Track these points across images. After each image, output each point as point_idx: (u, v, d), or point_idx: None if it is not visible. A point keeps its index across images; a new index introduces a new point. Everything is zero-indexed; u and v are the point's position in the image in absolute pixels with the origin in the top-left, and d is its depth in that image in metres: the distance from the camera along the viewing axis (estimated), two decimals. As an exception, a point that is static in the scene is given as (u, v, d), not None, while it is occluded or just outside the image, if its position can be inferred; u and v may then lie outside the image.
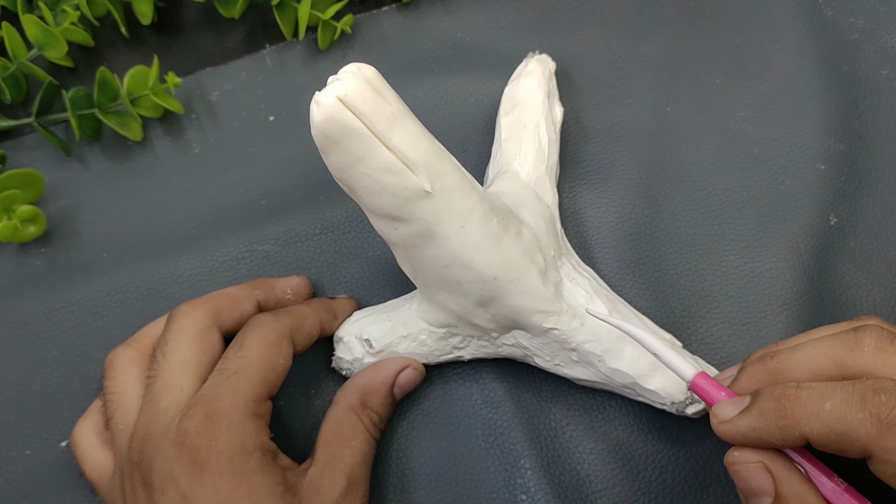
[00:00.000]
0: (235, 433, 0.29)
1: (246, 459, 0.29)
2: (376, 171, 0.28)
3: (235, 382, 0.30)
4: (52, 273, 0.39)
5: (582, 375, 0.34)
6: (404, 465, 0.35)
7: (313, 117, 0.27)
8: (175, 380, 0.31)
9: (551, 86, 0.39)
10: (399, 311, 0.35)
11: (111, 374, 0.33)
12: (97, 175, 0.40)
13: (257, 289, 0.35)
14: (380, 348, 0.35)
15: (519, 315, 0.32)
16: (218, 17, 0.43)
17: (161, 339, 0.32)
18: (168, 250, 0.39)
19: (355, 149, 0.27)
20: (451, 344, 0.34)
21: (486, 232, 0.30)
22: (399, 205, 0.29)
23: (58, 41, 0.39)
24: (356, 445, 0.32)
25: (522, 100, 0.38)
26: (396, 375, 0.34)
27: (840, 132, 0.39)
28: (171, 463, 0.29)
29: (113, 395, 0.33)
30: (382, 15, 0.43)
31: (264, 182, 0.40)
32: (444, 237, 0.29)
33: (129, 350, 0.34)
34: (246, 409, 0.30)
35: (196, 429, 0.29)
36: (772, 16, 0.42)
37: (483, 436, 0.35)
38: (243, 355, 0.31)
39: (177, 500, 0.28)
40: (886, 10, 0.42)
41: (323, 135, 0.27)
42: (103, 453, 0.33)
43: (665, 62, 0.41)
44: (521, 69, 0.40)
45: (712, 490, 0.34)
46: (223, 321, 0.33)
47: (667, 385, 0.32)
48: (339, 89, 0.27)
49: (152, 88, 0.39)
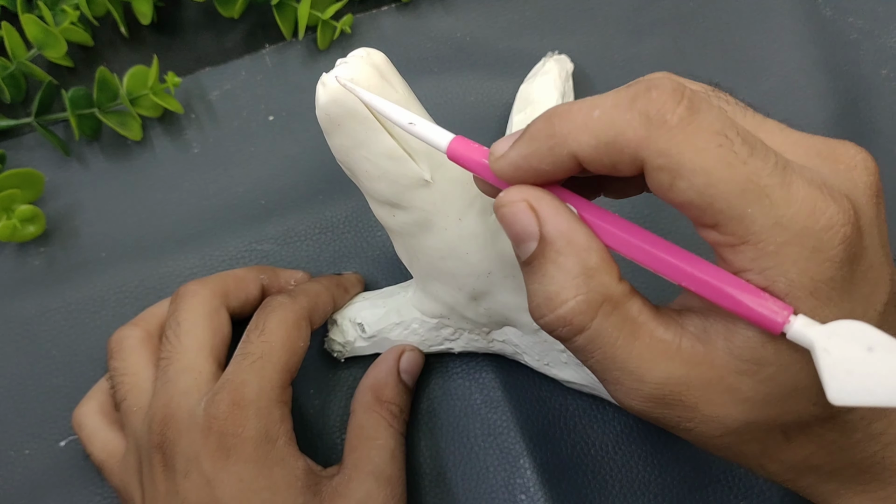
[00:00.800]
0: (262, 420, 0.29)
1: (270, 448, 0.29)
2: (377, 157, 0.28)
3: (261, 368, 0.30)
4: (51, 273, 0.38)
5: (571, 378, 0.34)
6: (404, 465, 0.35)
7: (318, 98, 0.27)
8: (192, 362, 0.31)
9: (567, 87, 0.39)
10: (394, 299, 0.35)
11: (121, 355, 0.33)
12: (97, 175, 0.40)
13: (262, 273, 0.35)
14: (371, 333, 0.35)
15: (511, 312, 0.32)
16: (218, 16, 0.43)
17: (171, 319, 0.32)
18: (167, 250, 0.39)
19: (357, 132, 0.27)
20: (442, 335, 0.34)
21: (484, 226, 0.30)
22: (398, 192, 0.29)
23: (57, 41, 0.39)
24: (382, 444, 0.32)
25: (536, 98, 0.38)
26: (398, 362, 0.34)
27: (840, 132, 0.39)
28: (196, 447, 0.29)
29: (125, 377, 0.32)
30: (382, 15, 0.43)
31: (264, 182, 0.40)
32: (441, 228, 0.29)
33: (136, 331, 0.34)
34: (272, 396, 0.30)
35: (224, 414, 0.29)
36: (772, 16, 0.42)
37: (483, 435, 0.35)
38: (266, 340, 0.31)
39: (200, 485, 0.29)
40: (886, 10, 0.42)
41: (327, 116, 0.27)
42: (111, 433, 0.33)
43: (665, 62, 0.41)
44: (539, 68, 0.39)
45: (712, 490, 0.34)
46: (230, 301, 0.33)
47: None
48: (346, 72, 0.27)
49: (152, 88, 0.39)
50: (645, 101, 0.21)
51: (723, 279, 0.21)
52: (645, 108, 0.21)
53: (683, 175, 0.20)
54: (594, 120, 0.21)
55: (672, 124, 0.20)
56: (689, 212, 0.21)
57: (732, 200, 0.20)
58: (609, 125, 0.21)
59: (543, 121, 0.22)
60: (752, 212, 0.20)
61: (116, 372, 0.33)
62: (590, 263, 0.22)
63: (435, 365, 0.36)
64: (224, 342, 0.32)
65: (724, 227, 0.21)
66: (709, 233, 0.21)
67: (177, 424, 0.29)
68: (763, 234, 0.20)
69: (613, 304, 0.22)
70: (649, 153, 0.21)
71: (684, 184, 0.21)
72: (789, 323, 0.20)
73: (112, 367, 0.33)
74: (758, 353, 0.21)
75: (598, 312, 0.22)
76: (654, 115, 0.21)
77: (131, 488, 0.31)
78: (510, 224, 0.23)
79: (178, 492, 0.29)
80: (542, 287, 0.23)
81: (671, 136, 0.20)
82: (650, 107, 0.21)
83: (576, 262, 0.22)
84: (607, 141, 0.21)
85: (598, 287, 0.22)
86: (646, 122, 0.21)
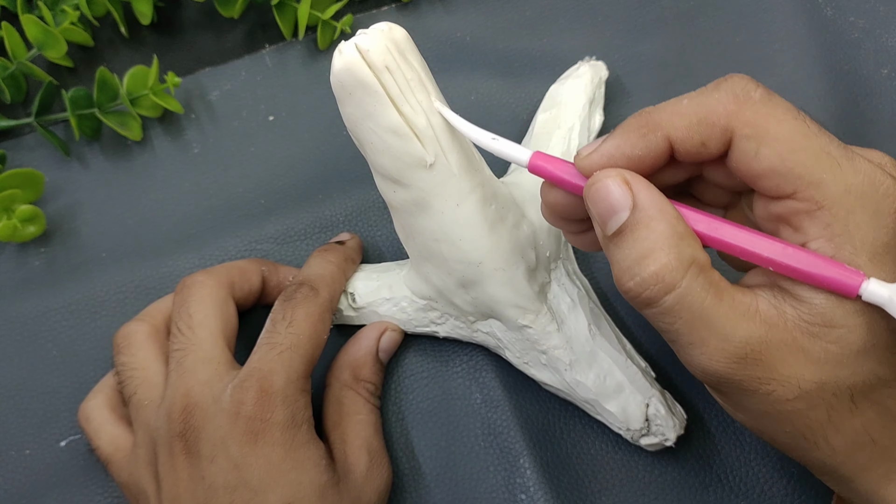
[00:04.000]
0: (289, 408, 0.30)
1: (295, 432, 0.30)
2: (383, 131, 0.28)
3: (289, 359, 0.31)
4: (51, 273, 0.38)
5: (547, 380, 0.34)
6: (404, 465, 0.35)
7: (334, 65, 0.28)
8: (209, 353, 0.31)
9: (598, 93, 0.38)
10: (388, 274, 0.35)
11: (129, 350, 0.33)
12: (97, 175, 0.40)
13: (263, 265, 0.36)
14: (361, 304, 0.35)
15: (497, 305, 0.32)
16: (217, 17, 0.43)
17: (181, 310, 0.33)
18: (167, 250, 0.39)
19: (367, 104, 0.28)
20: (429, 317, 0.35)
21: (481, 215, 0.30)
22: (400, 168, 0.29)
23: (57, 41, 0.39)
24: (364, 419, 0.33)
25: (564, 100, 0.37)
26: (378, 342, 0.35)
27: (841, 132, 0.39)
28: (223, 432, 0.30)
29: (134, 371, 0.33)
30: (382, 15, 0.43)
31: (263, 182, 0.40)
32: (437, 211, 0.30)
33: (143, 326, 0.34)
34: (297, 385, 0.31)
35: (252, 401, 0.30)
36: (772, 16, 0.42)
37: (483, 435, 0.35)
38: (294, 332, 0.31)
39: (227, 468, 0.29)
40: (886, 9, 0.42)
41: (339, 83, 0.28)
42: (119, 428, 0.33)
43: (665, 62, 0.41)
44: (572, 71, 0.39)
45: (712, 490, 0.34)
46: (235, 292, 0.34)
47: (626, 410, 0.32)
48: (363, 43, 0.27)
49: (152, 88, 0.39)
50: (730, 83, 0.24)
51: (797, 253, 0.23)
52: (731, 87, 0.24)
53: (768, 142, 0.24)
54: (684, 106, 0.25)
55: (755, 99, 0.24)
56: (769, 181, 0.24)
57: (810, 166, 0.23)
58: (700, 105, 0.24)
59: (635, 116, 0.25)
60: (827, 178, 0.23)
61: (125, 367, 0.33)
62: (679, 229, 0.24)
63: (435, 365, 0.36)
64: (234, 332, 0.33)
65: (802, 193, 0.24)
66: (784, 204, 0.24)
67: (201, 412, 0.30)
68: (836, 199, 0.23)
69: (700, 266, 0.24)
70: (738, 123, 0.24)
71: (769, 150, 0.24)
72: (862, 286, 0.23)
73: (120, 362, 0.33)
74: (828, 316, 0.23)
75: (688, 272, 0.24)
76: (739, 92, 0.24)
77: (143, 482, 0.31)
78: (603, 198, 0.25)
79: (205, 476, 0.29)
80: (634, 249, 0.24)
81: (755, 108, 0.24)
82: (736, 86, 0.24)
83: (668, 226, 0.24)
84: (699, 119, 0.24)
85: (687, 249, 0.24)
86: (733, 98, 0.24)
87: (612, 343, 0.33)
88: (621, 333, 0.35)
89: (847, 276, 0.23)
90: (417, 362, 0.37)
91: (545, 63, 0.41)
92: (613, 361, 0.33)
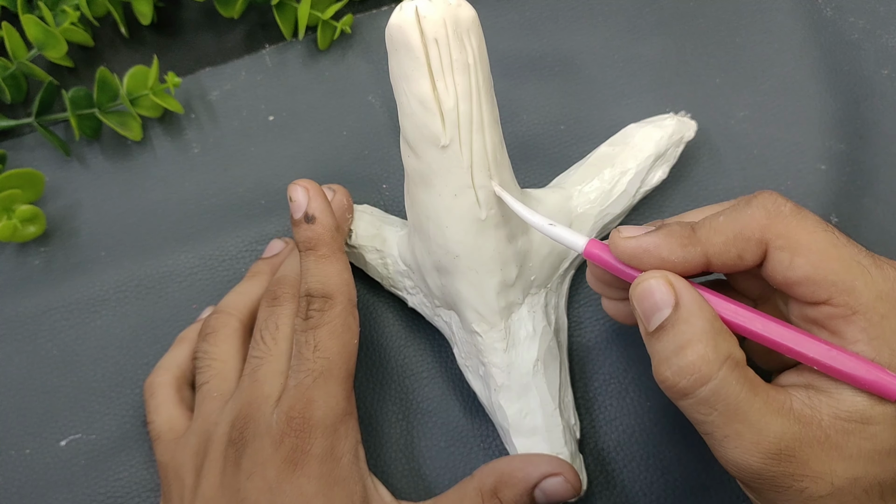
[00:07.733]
0: (328, 440, 0.30)
1: (333, 466, 0.30)
2: (412, 97, 0.29)
3: (324, 384, 0.31)
4: (51, 272, 0.39)
5: (477, 390, 0.34)
6: (403, 465, 0.35)
7: (391, 18, 0.28)
8: (282, 366, 0.32)
9: (672, 151, 0.37)
10: (388, 228, 0.36)
11: (215, 339, 0.34)
12: (97, 175, 0.40)
13: None
14: (354, 244, 0.35)
15: (459, 301, 0.32)
16: (217, 17, 0.43)
17: (270, 321, 0.33)
18: (167, 250, 0.39)
19: (406, 66, 0.28)
20: (404, 283, 0.35)
21: (474, 215, 0.30)
22: (416, 138, 0.29)
23: (58, 41, 0.39)
24: None
25: (633, 142, 0.36)
26: (542, 478, 0.31)
27: (841, 132, 0.39)
28: (266, 454, 0.30)
29: (213, 361, 0.33)
30: (382, 15, 0.43)
31: (264, 182, 0.40)
32: (437, 192, 0.30)
33: (233, 321, 0.34)
34: (337, 412, 0.31)
35: (295, 431, 0.30)
36: (771, 16, 0.42)
37: (483, 435, 0.35)
38: (322, 356, 0.31)
39: (262, 489, 0.29)
40: (886, 9, 0.42)
41: (390, 38, 0.29)
42: (178, 410, 0.34)
43: (665, 62, 0.41)
44: (659, 119, 0.37)
45: (714, 491, 0.34)
46: None
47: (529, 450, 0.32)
48: (424, 9, 0.27)
49: (152, 88, 0.39)
50: (761, 199, 0.26)
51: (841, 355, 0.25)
52: (762, 203, 0.26)
53: (801, 252, 0.25)
54: (721, 223, 0.26)
55: (786, 213, 0.26)
56: (805, 288, 0.25)
57: (843, 274, 0.25)
58: (735, 220, 0.26)
59: (680, 225, 0.27)
60: (859, 285, 0.25)
61: (207, 355, 0.34)
62: (717, 326, 0.25)
63: (436, 366, 0.36)
64: None
65: (837, 300, 0.25)
66: (820, 309, 0.25)
67: (255, 427, 0.30)
68: (870, 305, 0.25)
69: (736, 361, 0.25)
70: (772, 235, 0.26)
71: (802, 260, 0.25)
72: None
73: (203, 349, 0.34)
74: (866, 414, 0.25)
75: (724, 365, 0.25)
76: (771, 207, 0.26)
77: (184, 469, 0.32)
78: (648, 296, 0.26)
79: (239, 490, 0.30)
80: (673, 342, 0.25)
81: (787, 222, 0.26)
82: (766, 202, 0.26)
83: (706, 322, 0.25)
84: (735, 234, 0.26)
85: (724, 343, 0.25)
86: (765, 213, 0.26)
87: (550, 387, 0.32)
88: (570, 386, 0.34)
89: (888, 380, 0.24)
90: (418, 362, 0.37)
91: (545, 63, 0.41)
92: (541, 405, 0.32)
